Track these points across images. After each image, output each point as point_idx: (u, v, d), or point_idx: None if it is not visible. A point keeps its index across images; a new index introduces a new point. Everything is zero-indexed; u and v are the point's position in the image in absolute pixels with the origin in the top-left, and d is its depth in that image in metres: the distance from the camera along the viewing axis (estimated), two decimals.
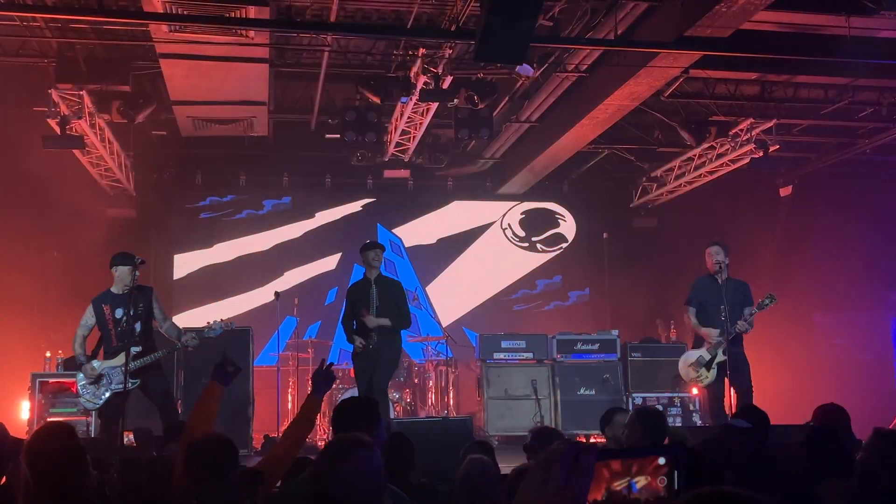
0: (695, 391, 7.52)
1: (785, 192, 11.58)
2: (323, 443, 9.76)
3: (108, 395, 6.98)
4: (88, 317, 7.14)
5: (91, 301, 7.19)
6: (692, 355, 7.64)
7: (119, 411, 6.96)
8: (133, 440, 5.35)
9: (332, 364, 5.09)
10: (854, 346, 11.56)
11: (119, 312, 7.04)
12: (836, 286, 11.56)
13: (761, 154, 10.18)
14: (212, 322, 7.28)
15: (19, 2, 7.73)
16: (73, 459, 3.49)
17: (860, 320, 11.85)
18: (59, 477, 3.39)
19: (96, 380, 7.02)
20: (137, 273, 7.08)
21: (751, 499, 1.55)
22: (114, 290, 7.13)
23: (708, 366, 7.46)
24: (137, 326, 7.05)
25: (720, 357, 7.39)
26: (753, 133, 10.08)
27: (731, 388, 7.42)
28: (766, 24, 8.15)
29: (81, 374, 7.09)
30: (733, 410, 7.25)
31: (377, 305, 7.93)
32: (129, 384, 6.90)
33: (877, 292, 11.79)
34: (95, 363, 7.08)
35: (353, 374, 8.50)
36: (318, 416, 9.93)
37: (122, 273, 7.09)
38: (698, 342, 7.68)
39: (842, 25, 8.05)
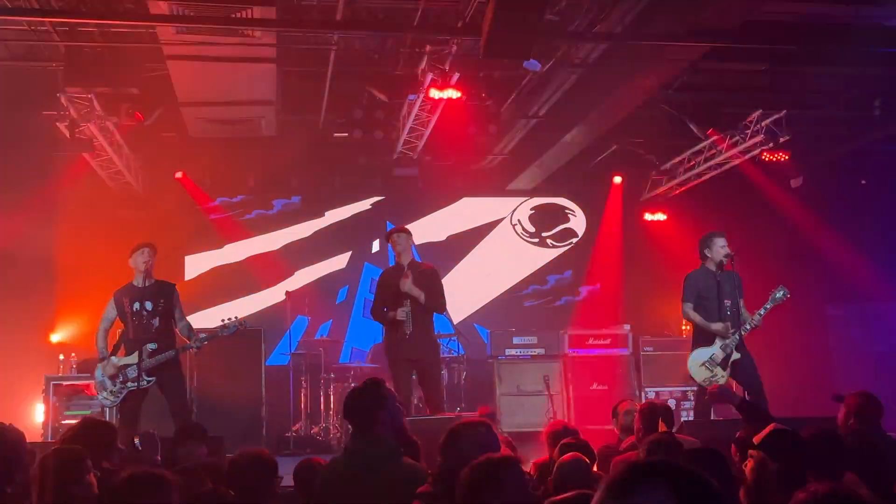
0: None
1: (795, 183, 11.49)
2: (336, 441, 9.79)
3: (125, 392, 7.01)
4: (109, 310, 7.19)
5: (113, 294, 7.23)
6: (704, 353, 7.19)
7: (136, 411, 7.00)
8: (139, 445, 5.38)
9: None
10: (868, 338, 11.48)
11: (137, 305, 7.07)
12: (849, 277, 11.48)
13: (771, 145, 10.12)
14: (226, 320, 7.30)
15: (27, 6, 7.75)
16: (65, 464, 3.51)
17: (874, 311, 11.77)
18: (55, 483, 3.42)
19: (114, 376, 7.04)
20: (147, 257, 7.10)
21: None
22: (135, 282, 7.18)
23: (723, 364, 7.11)
24: (156, 322, 7.08)
25: (735, 355, 7.09)
26: (763, 124, 10.01)
27: (743, 386, 7.26)
28: (776, 14, 8.09)
29: (100, 369, 7.12)
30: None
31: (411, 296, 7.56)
32: (145, 382, 6.93)
33: (891, 283, 11.71)
34: (114, 359, 7.10)
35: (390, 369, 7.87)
36: (331, 413, 10.00)
37: (134, 261, 7.15)
38: (703, 339, 7.27)
39: (851, 15, 8.00)
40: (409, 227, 12.40)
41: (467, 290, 12.59)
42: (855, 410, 4.79)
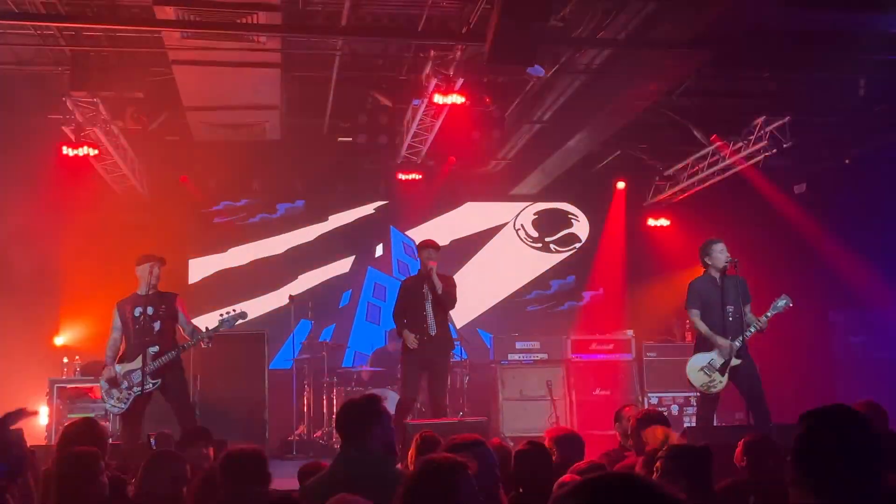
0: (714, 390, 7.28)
1: (799, 189, 11.50)
2: (339, 446, 9.79)
3: (132, 398, 7.03)
4: (116, 320, 7.26)
5: (116, 305, 7.28)
6: (702, 359, 7.26)
7: (139, 416, 7.03)
8: (154, 444, 5.43)
9: None
10: (870, 344, 11.48)
11: (139, 311, 7.12)
12: (852, 283, 11.47)
13: (775, 151, 10.12)
14: (224, 314, 7.31)
15: (34, 11, 7.78)
16: (81, 465, 3.55)
17: (876, 317, 11.76)
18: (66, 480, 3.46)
19: (115, 380, 7.06)
20: (157, 271, 7.16)
21: (648, 485, 1.57)
22: (139, 291, 7.24)
23: (722, 370, 7.15)
24: (156, 325, 7.13)
25: (735, 361, 7.13)
26: (767, 130, 10.03)
27: (744, 392, 7.26)
28: (778, 20, 8.10)
29: (105, 376, 7.16)
30: (749, 415, 7.15)
31: (431, 299, 8.09)
32: (150, 385, 6.96)
33: (894, 289, 11.71)
34: (117, 367, 7.13)
35: (401, 373, 8.44)
36: (334, 417, 10.02)
37: (141, 272, 7.22)
38: (704, 345, 7.33)
39: (856, 21, 8.01)
40: (412, 231, 12.62)
41: (470, 295, 12.58)
42: None
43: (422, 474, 2.55)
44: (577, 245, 13.12)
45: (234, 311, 7.36)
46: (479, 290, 12.62)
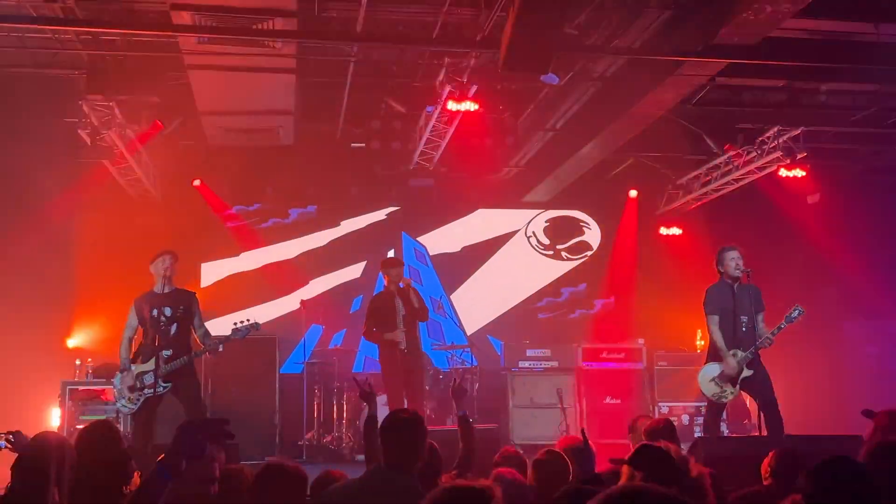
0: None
1: (812, 199, 11.45)
2: (349, 450, 9.81)
3: (142, 399, 7.04)
4: (131, 317, 7.23)
5: (133, 301, 7.27)
6: (714, 369, 7.21)
7: (151, 417, 7.04)
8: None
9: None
10: (885, 355, 11.42)
11: (155, 312, 7.11)
12: (866, 294, 11.41)
13: (788, 161, 10.09)
14: (238, 323, 7.32)
15: (51, 15, 7.85)
16: (115, 465, 3.56)
17: (891, 328, 11.69)
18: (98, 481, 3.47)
19: (132, 387, 7.07)
20: (169, 263, 7.15)
21: (663, 495, 1.55)
22: (155, 289, 7.22)
23: (733, 381, 7.11)
24: (172, 328, 7.12)
25: (746, 372, 7.08)
26: (781, 140, 10.00)
27: (758, 402, 7.22)
28: (794, 31, 8.09)
29: (119, 378, 7.15)
30: (762, 423, 7.10)
31: (403, 314, 8.12)
32: (161, 388, 6.96)
33: None
34: (133, 367, 7.13)
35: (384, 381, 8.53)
36: (344, 422, 10.03)
37: (154, 268, 7.22)
38: (717, 354, 7.27)
39: (871, 32, 7.99)
40: (423, 237, 12.64)
41: (481, 302, 12.61)
42: (884, 428, 4.72)
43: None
44: (589, 253, 13.09)
45: (247, 320, 7.33)
46: (490, 297, 12.61)
